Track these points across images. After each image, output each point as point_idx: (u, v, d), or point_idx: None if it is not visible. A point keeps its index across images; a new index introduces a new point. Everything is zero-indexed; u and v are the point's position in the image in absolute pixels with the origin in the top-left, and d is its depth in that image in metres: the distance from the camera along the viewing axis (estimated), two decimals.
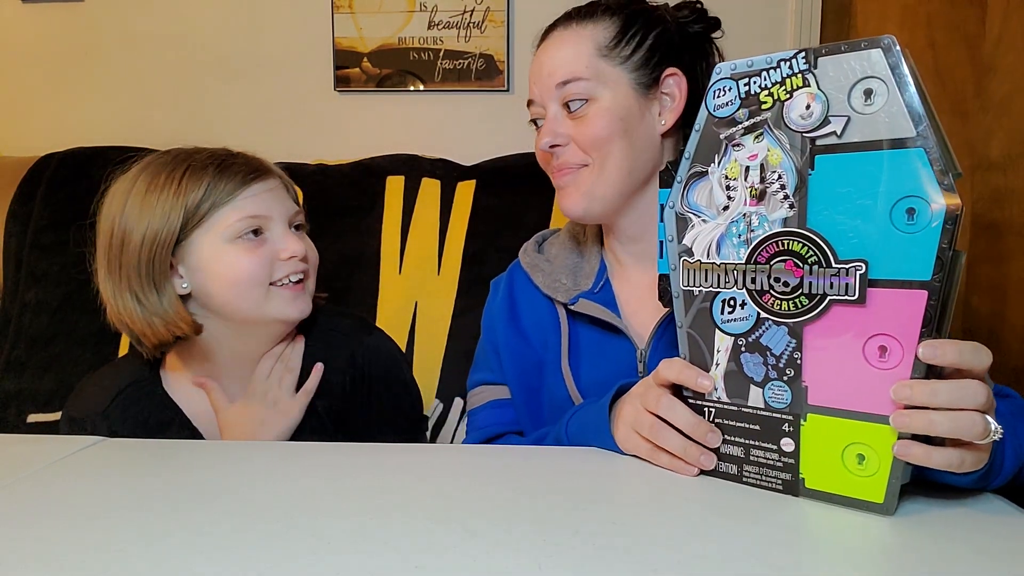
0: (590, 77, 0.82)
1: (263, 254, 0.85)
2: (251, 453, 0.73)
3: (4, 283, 1.37)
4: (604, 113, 0.82)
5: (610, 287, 0.90)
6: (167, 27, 1.75)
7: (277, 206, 0.87)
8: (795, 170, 0.56)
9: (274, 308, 0.86)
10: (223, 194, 0.84)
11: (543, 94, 0.85)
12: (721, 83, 0.60)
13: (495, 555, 0.47)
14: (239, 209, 0.84)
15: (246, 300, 0.85)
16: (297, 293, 0.87)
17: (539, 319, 0.92)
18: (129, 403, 0.91)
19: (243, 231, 0.84)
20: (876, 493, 0.54)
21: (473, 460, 0.71)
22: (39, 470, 0.66)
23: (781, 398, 0.58)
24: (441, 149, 1.52)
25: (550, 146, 0.85)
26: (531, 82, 0.88)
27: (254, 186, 0.86)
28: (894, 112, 0.51)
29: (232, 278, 0.84)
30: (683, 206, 0.63)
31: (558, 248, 0.96)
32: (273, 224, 0.86)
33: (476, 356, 1.00)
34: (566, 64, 0.83)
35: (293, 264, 0.86)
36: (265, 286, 0.85)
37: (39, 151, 1.47)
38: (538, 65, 0.87)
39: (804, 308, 0.56)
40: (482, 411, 0.95)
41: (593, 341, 0.88)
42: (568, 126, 0.84)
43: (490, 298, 1.01)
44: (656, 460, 0.65)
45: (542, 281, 0.91)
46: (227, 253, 0.84)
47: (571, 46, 0.84)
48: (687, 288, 0.63)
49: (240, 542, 0.50)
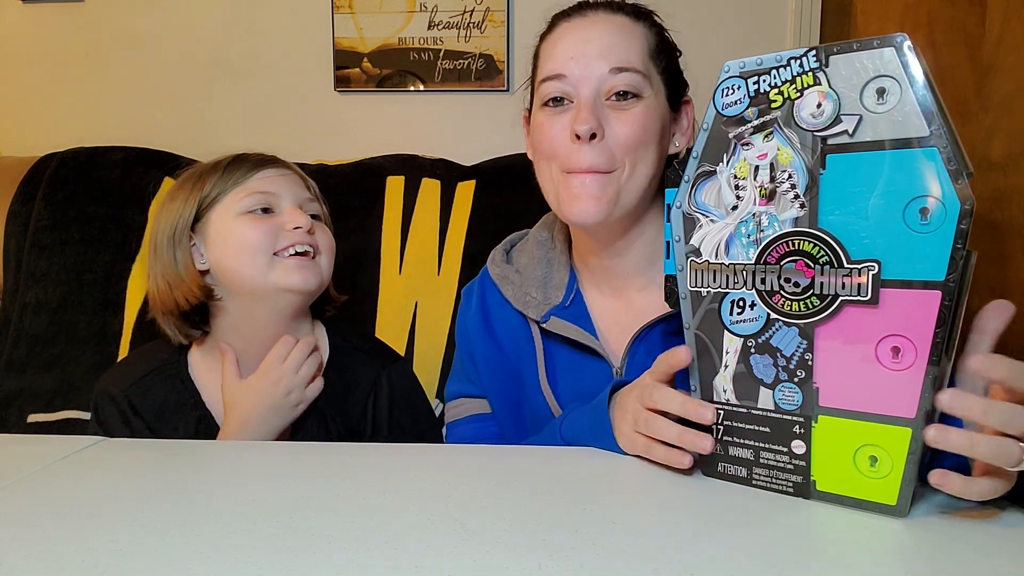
0: (645, 72, 0.76)
1: (269, 225, 0.89)
2: (251, 453, 0.73)
3: (4, 283, 1.36)
4: (649, 114, 0.76)
5: (581, 299, 0.86)
6: (167, 27, 1.75)
7: (287, 187, 0.93)
8: (806, 169, 0.55)
9: (277, 276, 0.89)
10: (236, 178, 0.91)
11: (585, 74, 0.75)
12: (729, 81, 0.60)
13: (495, 555, 0.47)
14: (249, 187, 0.91)
15: (251, 267, 0.89)
16: (301, 262, 0.90)
17: (513, 331, 0.89)
18: (151, 385, 0.95)
19: (252, 206, 0.90)
20: (889, 495, 0.54)
21: (473, 460, 0.71)
22: (39, 470, 0.65)
23: (792, 400, 0.57)
24: (441, 149, 1.52)
25: (591, 135, 0.74)
26: (563, 55, 0.77)
27: (266, 170, 0.93)
28: (907, 111, 0.51)
29: (239, 243, 0.89)
30: (690, 206, 0.63)
31: (527, 258, 0.91)
32: (281, 201, 0.91)
33: (453, 365, 0.98)
34: (622, 50, 0.75)
35: (298, 235, 0.90)
36: (269, 255, 0.89)
37: (39, 151, 1.47)
38: (579, 39, 0.77)
39: (815, 309, 0.55)
40: (462, 425, 0.93)
41: (568, 358, 0.85)
42: (609, 117, 0.75)
43: (463, 307, 0.96)
44: (652, 455, 0.65)
45: (512, 295, 0.88)
46: (236, 224, 0.89)
47: (625, 34, 0.77)
48: (695, 289, 0.62)
49: (240, 542, 0.49)
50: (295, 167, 0.98)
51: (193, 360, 0.97)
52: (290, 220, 0.90)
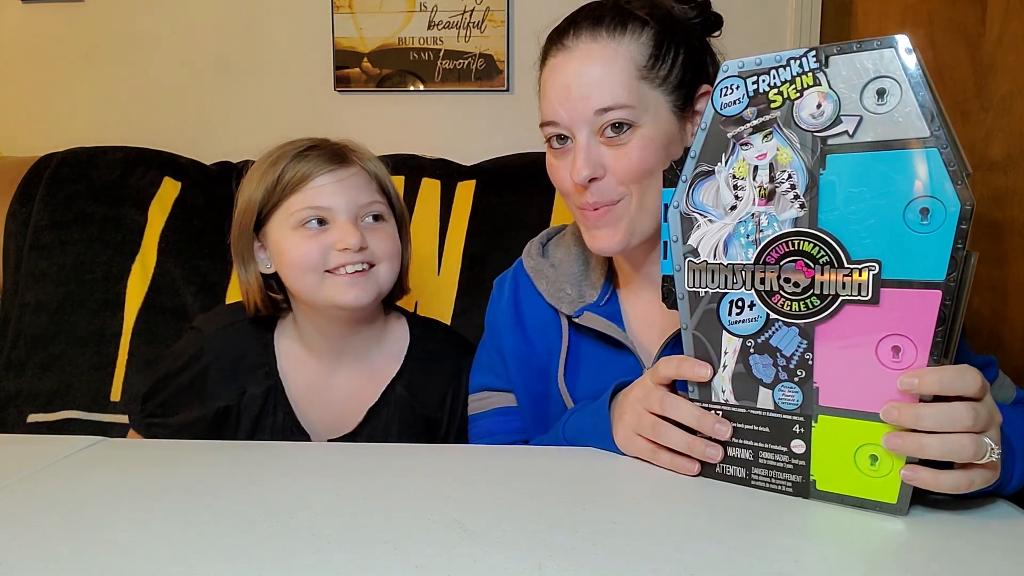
0: (633, 104, 0.73)
1: (321, 242, 0.88)
2: (251, 453, 0.73)
3: (4, 283, 1.36)
4: (647, 143, 0.74)
5: (616, 301, 0.86)
6: (167, 27, 1.74)
7: (343, 198, 0.90)
8: (806, 170, 0.55)
9: (328, 294, 0.89)
10: (295, 180, 0.89)
11: (573, 119, 0.75)
12: (728, 81, 0.60)
13: (495, 555, 0.47)
14: (305, 199, 0.89)
15: (303, 283, 0.90)
16: (354, 280, 0.89)
17: (544, 325, 0.88)
18: (237, 333, 0.96)
19: (306, 219, 0.89)
20: (889, 494, 0.54)
21: (473, 460, 0.71)
22: (39, 470, 0.65)
23: (792, 399, 0.57)
24: (441, 149, 1.52)
25: (590, 180, 0.75)
26: (553, 102, 0.76)
27: (323, 176, 0.90)
28: (908, 112, 0.51)
29: (291, 261, 0.89)
30: (688, 206, 0.62)
31: (563, 253, 0.90)
32: (337, 215, 0.89)
33: (479, 357, 0.97)
34: (604, 87, 0.73)
35: (347, 256, 0.88)
36: (320, 272, 0.89)
37: (39, 151, 1.47)
38: (562, 84, 0.75)
39: (815, 308, 0.55)
40: (487, 418, 0.92)
41: (595, 355, 0.84)
42: (605, 155, 0.75)
43: (494, 298, 0.96)
44: (657, 460, 0.65)
45: (546, 289, 0.87)
46: (291, 238, 0.89)
47: (606, 64, 0.73)
48: (692, 289, 0.62)
49: (240, 542, 0.49)
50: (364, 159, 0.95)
51: (282, 328, 0.99)
52: (340, 240, 0.88)
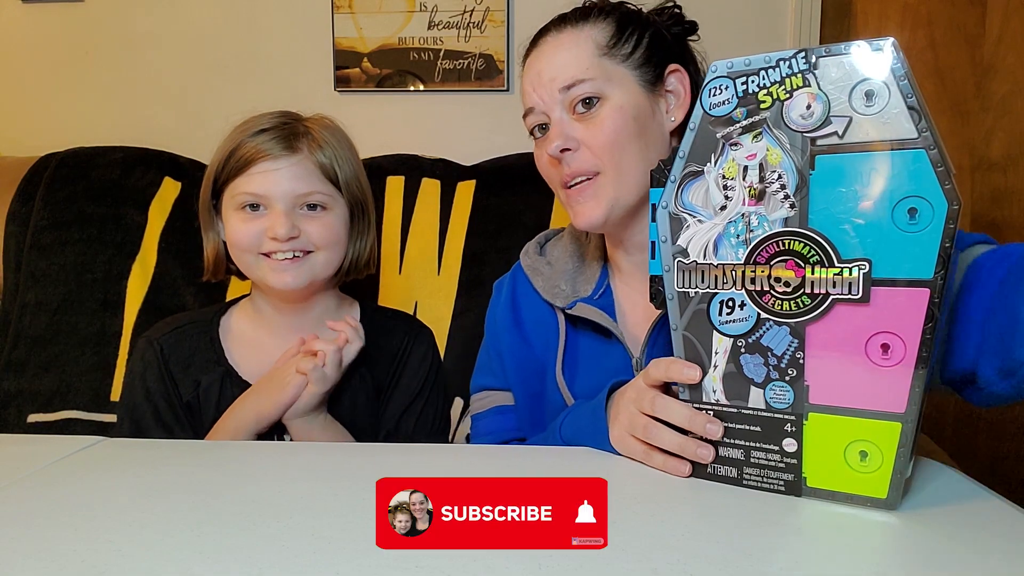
0: (596, 76, 0.79)
1: (255, 226, 0.92)
2: (251, 453, 0.73)
3: (4, 283, 1.37)
4: (617, 112, 0.79)
5: (611, 294, 0.88)
6: (167, 27, 1.75)
7: (279, 187, 0.91)
8: (796, 170, 0.56)
9: (260, 275, 0.93)
10: (240, 164, 0.92)
11: (546, 100, 0.81)
12: (717, 81, 0.60)
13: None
14: (245, 183, 0.92)
15: (241, 261, 0.95)
16: (285, 266, 0.92)
17: (541, 322, 0.91)
18: (183, 337, 0.99)
19: (244, 204, 0.92)
20: (879, 488, 0.54)
21: (473, 460, 0.71)
22: (39, 470, 0.66)
23: (783, 398, 0.58)
24: (441, 149, 1.52)
25: (561, 150, 0.80)
26: (528, 90, 0.84)
27: (265, 163, 0.91)
28: (896, 113, 0.51)
29: (230, 239, 0.95)
30: (677, 206, 0.63)
31: (560, 251, 0.94)
32: (272, 203, 0.91)
33: (479, 359, 0.99)
34: (568, 67, 0.80)
35: (277, 244, 0.91)
36: (255, 254, 0.92)
37: (39, 151, 1.47)
38: (535, 72, 0.83)
39: (806, 308, 0.56)
40: (485, 417, 0.94)
41: (590, 348, 0.87)
42: (578, 129, 0.80)
43: (493, 300, 0.99)
44: (650, 461, 0.65)
45: (541, 286, 0.90)
46: (232, 218, 0.93)
47: (570, 48, 0.81)
48: (682, 290, 0.63)
49: (240, 542, 0.50)
50: (318, 144, 0.96)
51: (231, 319, 1.02)
52: (270, 228, 0.90)
